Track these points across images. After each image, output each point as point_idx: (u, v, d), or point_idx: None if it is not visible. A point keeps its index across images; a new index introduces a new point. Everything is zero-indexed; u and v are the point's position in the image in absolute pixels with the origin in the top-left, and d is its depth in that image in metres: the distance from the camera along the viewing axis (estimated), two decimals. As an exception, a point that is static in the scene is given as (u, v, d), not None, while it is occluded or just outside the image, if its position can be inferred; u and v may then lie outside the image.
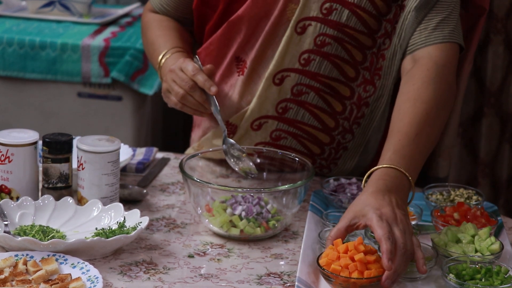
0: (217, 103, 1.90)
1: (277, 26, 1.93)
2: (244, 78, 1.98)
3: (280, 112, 1.98)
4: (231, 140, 1.90)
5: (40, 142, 1.81)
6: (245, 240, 1.74)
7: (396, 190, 1.62)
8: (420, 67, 1.83)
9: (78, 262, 1.57)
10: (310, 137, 2.00)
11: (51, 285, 1.50)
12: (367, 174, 1.67)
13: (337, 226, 1.58)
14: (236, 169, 1.89)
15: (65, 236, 1.68)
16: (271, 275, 1.61)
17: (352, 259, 1.53)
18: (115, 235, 1.63)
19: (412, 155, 1.68)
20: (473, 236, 1.65)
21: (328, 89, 1.95)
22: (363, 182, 1.67)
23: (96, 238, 1.60)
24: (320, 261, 1.55)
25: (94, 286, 1.50)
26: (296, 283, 1.51)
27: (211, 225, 1.75)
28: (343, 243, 1.55)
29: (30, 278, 1.52)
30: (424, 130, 1.72)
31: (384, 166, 1.65)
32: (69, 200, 1.76)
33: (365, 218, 1.56)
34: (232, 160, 1.90)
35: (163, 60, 1.99)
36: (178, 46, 2.02)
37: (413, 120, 1.73)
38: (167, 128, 3.66)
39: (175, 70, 1.92)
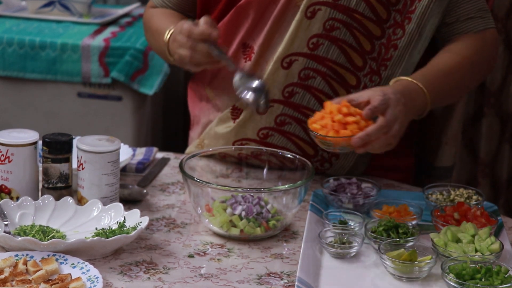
0: (217, 47, 1.86)
1: (285, 11, 1.95)
2: (252, 64, 1.99)
3: (286, 96, 1.98)
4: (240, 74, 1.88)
5: (40, 142, 1.81)
6: (245, 240, 1.74)
7: (410, 98, 1.78)
8: (465, 36, 2.00)
9: (78, 262, 1.57)
10: None
11: (51, 285, 1.50)
12: (390, 83, 1.86)
13: (338, 98, 1.78)
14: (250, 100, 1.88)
15: (65, 236, 1.68)
16: (271, 275, 1.61)
17: (332, 119, 1.68)
18: (115, 235, 1.63)
19: (436, 84, 1.88)
20: (473, 236, 1.65)
21: (335, 75, 1.97)
22: None
23: (96, 238, 1.60)
24: (309, 122, 1.73)
25: (94, 286, 1.50)
26: (296, 283, 1.51)
27: (211, 225, 1.75)
28: None
29: (30, 278, 1.52)
30: (454, 76, 1.94)
31: (407, 78, 1.85)
32: (69, 200, 1.76)
33: (367, 94, 1.73)
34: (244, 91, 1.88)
35: (168, 36, 1.98)
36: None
37: (447, 64, 1.93)
38: (167, 128, 3.66)
39: (175, 37, 1.92)
